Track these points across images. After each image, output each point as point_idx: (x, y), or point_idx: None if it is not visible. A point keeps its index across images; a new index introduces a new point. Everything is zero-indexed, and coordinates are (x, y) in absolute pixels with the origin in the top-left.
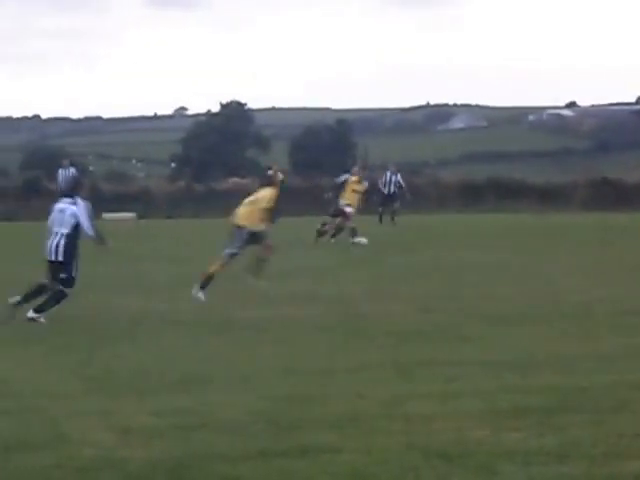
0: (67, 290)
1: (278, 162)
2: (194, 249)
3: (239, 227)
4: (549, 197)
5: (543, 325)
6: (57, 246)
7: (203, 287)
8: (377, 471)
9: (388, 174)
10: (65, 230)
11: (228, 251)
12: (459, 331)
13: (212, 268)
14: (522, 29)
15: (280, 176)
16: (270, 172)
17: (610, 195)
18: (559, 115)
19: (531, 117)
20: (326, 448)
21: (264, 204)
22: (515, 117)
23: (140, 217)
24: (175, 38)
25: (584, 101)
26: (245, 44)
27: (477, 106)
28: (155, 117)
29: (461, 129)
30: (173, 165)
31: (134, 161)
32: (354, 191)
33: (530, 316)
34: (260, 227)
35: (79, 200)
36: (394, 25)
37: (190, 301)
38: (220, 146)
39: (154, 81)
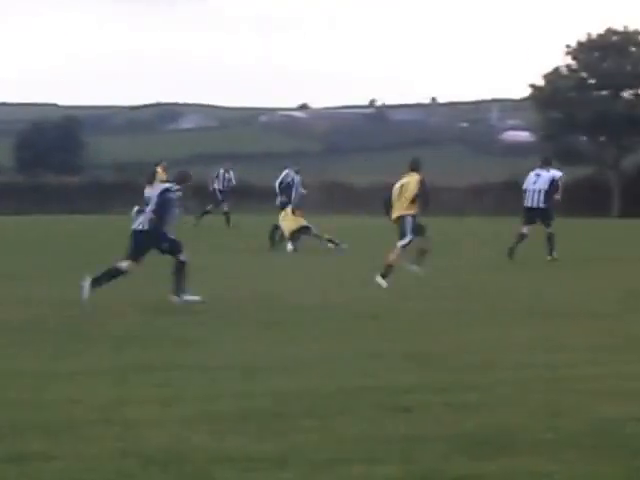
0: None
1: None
2: None
3: None
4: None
5: (270, 329)
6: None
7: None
8: (91, 478)
9: (221, 171)
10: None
11: None
12: (179, 334)
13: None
14: (256, 30)
15: None
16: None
17: (340, 198)
18: (291, 117)
19: (263, 118)
20: (38, 455)
21: None
22: (247, 118)
23: None
24: None
25: (316, 103)
26: None
27: (209, 106)
28: None
29: (191, 129)
30: None
31: None
32: None
33: (258, 319)
34: None
35: None
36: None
37: None
38: None
39: None
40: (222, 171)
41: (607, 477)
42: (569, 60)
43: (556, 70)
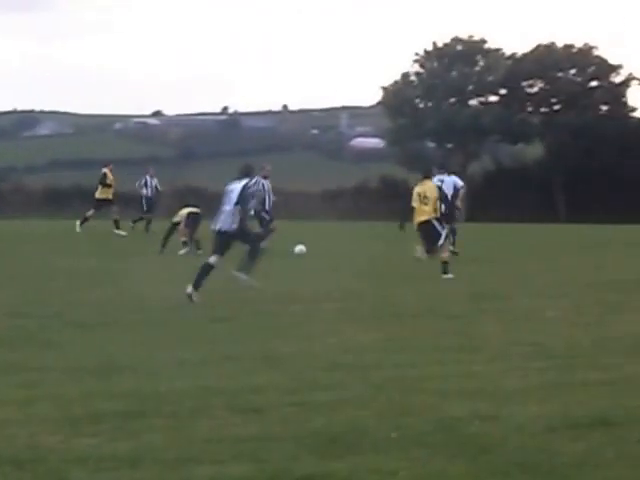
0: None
1: None
2: None
3: None
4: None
5: (129, 331)
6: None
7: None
8: None
9: (148, 178)
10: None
11: None
12: (44, 336)
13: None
14: (106, 41)
15: None
16: None
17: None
18: (145, 124)
19: (118, 125)
20: None
21: None
22: (102, 125)
23: None
24: None
25: (170, 110)
26: None
27: (65, 113)
28: None
29: (47, 135)
30: None
31: None
32: None
33: (116, 322)
34: None
35: None
36: None
37: None
38: None
39: None
40: (148, 177)
41: (453, 474)
42: (417, 68)
43: (404, 77)
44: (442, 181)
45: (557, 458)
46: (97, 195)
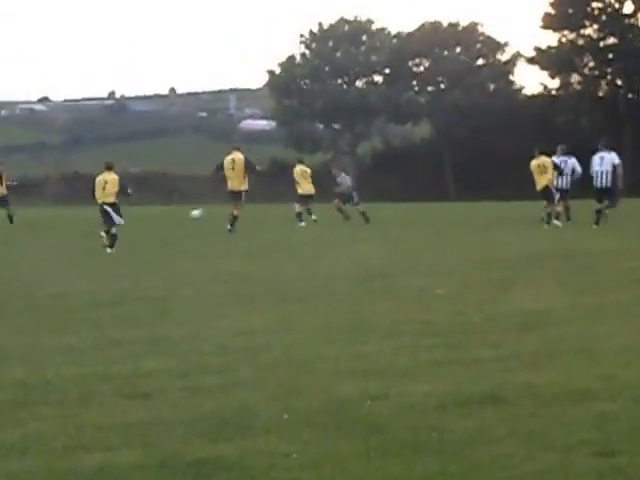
0: None
1: None
2: None
3: None
4: (23, 191)
5: (14, 318)
6: None
7: None
8: None
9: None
10: None
11: None
12: None
13: None
14: None
15: None
16: None
17: (81, 189)
18: (32, 110)
19: (3, 112)
20: None
21: None
22: None
23: None
24: None
25: (57, 96)
26: None
27: None
28: None
29: None
30: None
31: None
32: None
33: (1, 309)
34: None
35: None
36: None
37: None
38: None
39: None
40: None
41: (345, 454)
42: (303, 49)
43: (291, 58)
44: (602, 158)
45: (448, 435)
46: None
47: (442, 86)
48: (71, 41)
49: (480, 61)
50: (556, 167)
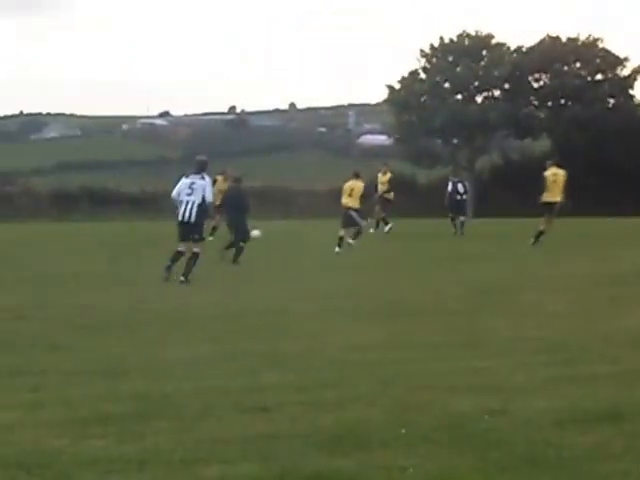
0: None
1: None
2: None
3: None
4: (141, 205)
5: (134, 333)
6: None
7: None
8: None
9: None
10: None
11: None
12: (51, 340)
13: None
14: (111, 42)
15: None
16: None
17: None
18: (152, 124)
19: (125, 126)
20: None
21: None
22: (109, 126)
23: None
24: None
25: (177, 111)
26: None
27: (71, 115)
28: None
29: (54, 138)
30: None
31: None
32: None
33: (121, 324)
34: None
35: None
36: None
37: None
38: None
39: None
40: None
41: (463, 469)
42: (424, 64)
43: (411, 74)
44: None
45: (566, 452)
46: None
47: (562, 101)
48: (192, 57)
49: (599, 76)
50: None
